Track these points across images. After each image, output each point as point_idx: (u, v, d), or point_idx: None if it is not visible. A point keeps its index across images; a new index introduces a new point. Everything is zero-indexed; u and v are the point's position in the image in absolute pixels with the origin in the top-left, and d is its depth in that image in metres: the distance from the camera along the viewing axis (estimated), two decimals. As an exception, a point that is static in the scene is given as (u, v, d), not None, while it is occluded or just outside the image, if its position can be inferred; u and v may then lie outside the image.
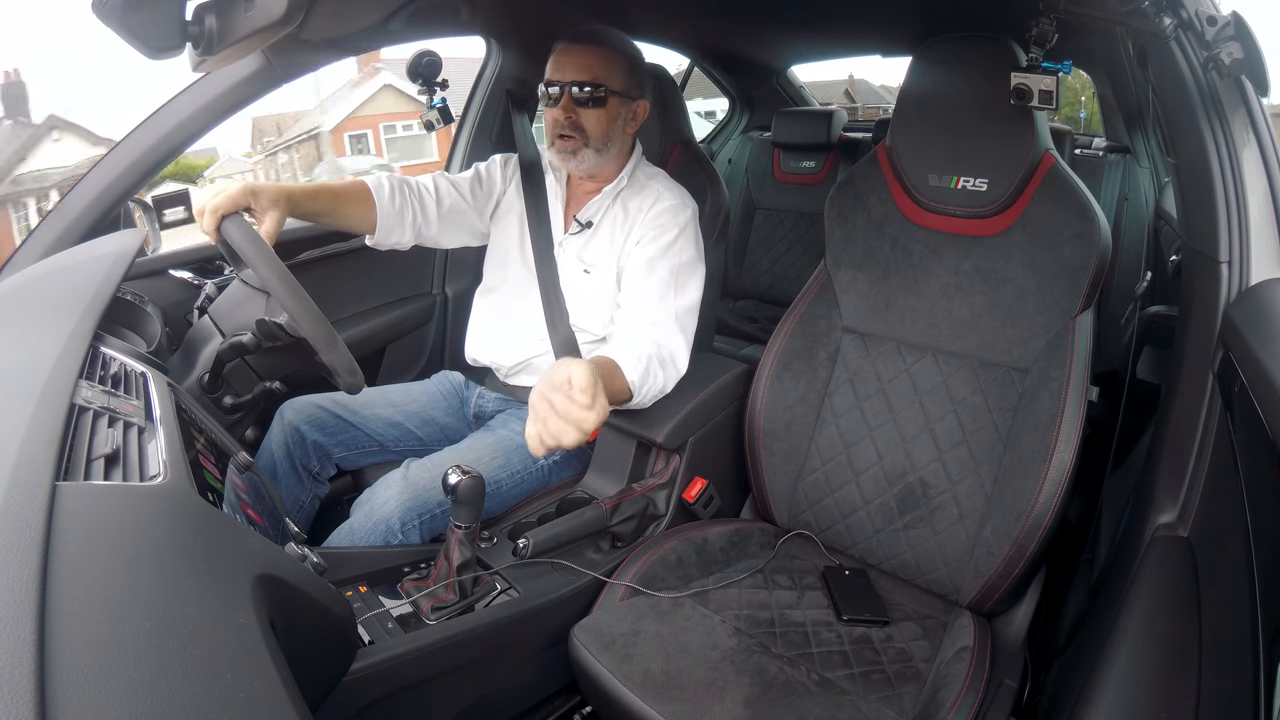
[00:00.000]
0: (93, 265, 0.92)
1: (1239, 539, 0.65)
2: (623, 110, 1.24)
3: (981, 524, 1.07)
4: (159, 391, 0.76)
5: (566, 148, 1.22)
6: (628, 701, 0.88)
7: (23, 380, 0.61)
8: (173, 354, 1.24)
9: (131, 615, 0.41)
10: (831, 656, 0.98)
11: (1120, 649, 0.73)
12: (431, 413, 1.38)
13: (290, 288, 0.96)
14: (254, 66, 1.18)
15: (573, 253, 1.30)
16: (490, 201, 1.39)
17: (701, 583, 1.10)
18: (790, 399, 1.24)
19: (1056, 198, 1.08)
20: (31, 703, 0.32)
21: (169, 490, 0.57)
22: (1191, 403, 0.87)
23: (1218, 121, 0.83)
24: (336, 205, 1.18)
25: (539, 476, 1.26)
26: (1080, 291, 1.05)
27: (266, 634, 0.48)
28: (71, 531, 0.44)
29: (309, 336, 0.97)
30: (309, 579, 0.67)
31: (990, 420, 1.10)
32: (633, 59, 1.25)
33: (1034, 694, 1.03)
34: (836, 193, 1.29)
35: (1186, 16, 0.76)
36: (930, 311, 1.18)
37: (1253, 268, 0.83)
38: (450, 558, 0.95)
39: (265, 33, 0.86)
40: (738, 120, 2.95)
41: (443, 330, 1.74)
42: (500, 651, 0.99)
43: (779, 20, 1.93)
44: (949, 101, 1.15)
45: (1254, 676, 0.56)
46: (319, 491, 1.30)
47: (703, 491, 1.23)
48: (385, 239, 1.26)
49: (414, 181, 1.30)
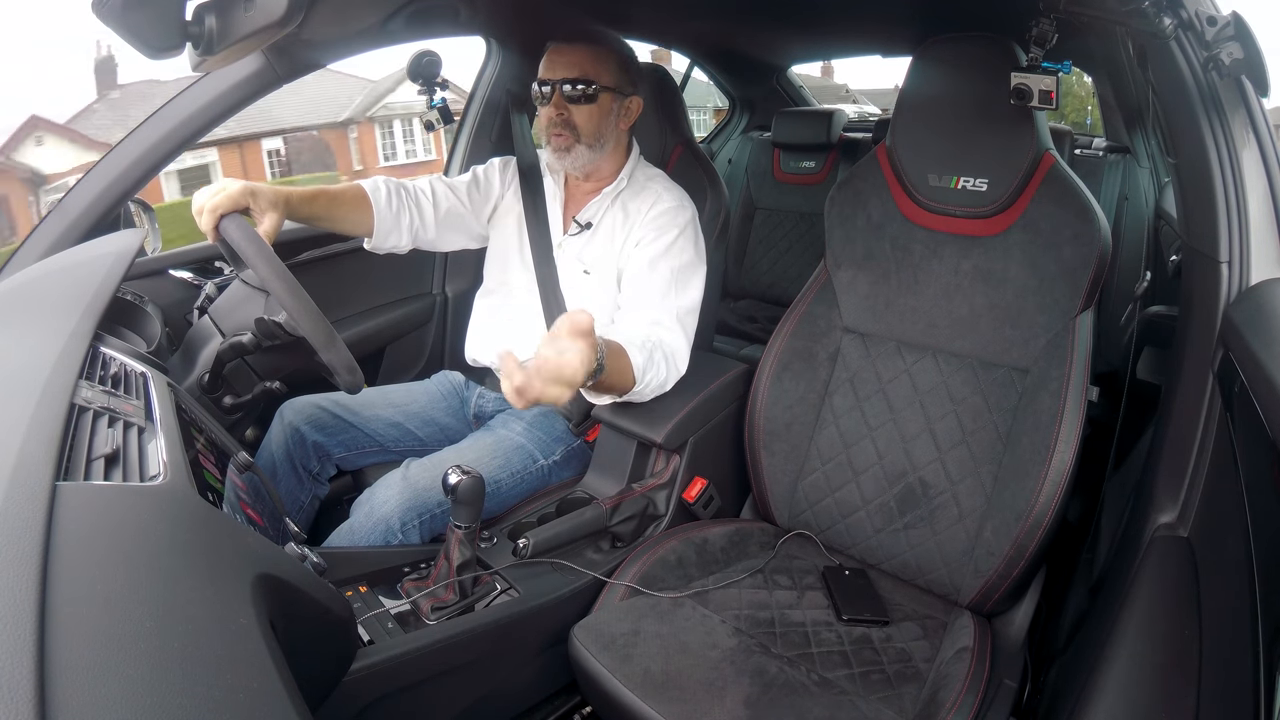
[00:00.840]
0: (93, 265, 0.92)
1: (1239, 539, 0.65)
2: (615, 106, 1.24)
3: (981, 524, 1.07)
4: (159, 391, 0.76)
5: (560, 145, 1.23)
6: (628, 701, 0.88)
7: (23, 380, 0.61)
8: (173, 354, 1.24)
9: (131, 615, 0.41)
10: (831, 656, 0.98)
11: (1120, 649, 0.73)
12: (431, 413, 1.38)
13: (289, 287, 0.96)
14: (254, 66, 1.18)
15: (572, 254, 1.30)
16: (488, 205, 1.39)
17: (701, 583, 1.10)
18: (790, 399, 1.24)
19: (1056, 198, 1.08)
20: (31, 703, 0.32)
21: (169, 490, 0.57)
22: (1191, 403, 0.87)
23: (1218, 121, 0.83)
24: (334, 209, 1.19)
25: (539, 476, 1.26)
26: (1080, 291, 1.05)
27: (266, 634, 0.48)
28: (71, 531, 0.44)
29: (308, 335, 0.97)
30: (309, 579, 0.67)
31: (990, 420, 1.10)
32: (624, 56, 1.26)
33: (1034, 694, 1.03)
34: (836, 193, 1.29)
35: (1186, 16, 0.76)
36: (930, 311, 1.18)
37: (1253, 268, 0.83)
38: (450, 558, 0.95)
39: (265, 33, 0.86)
40: (738, 120, 2.95)
41: (443, 330, 1.74)
42: (500, 651, 0.99)
43: (779, 20, 1.93)
44: (949, 101, 1.15)
45: (1254, 676, 0.56)
46: (319, 491, 1.30)
47: (703, 491, 1.23)
48: (383, 243, 1.27)
49: (411, 185, 1.31)
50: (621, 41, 1.28)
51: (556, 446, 1.29)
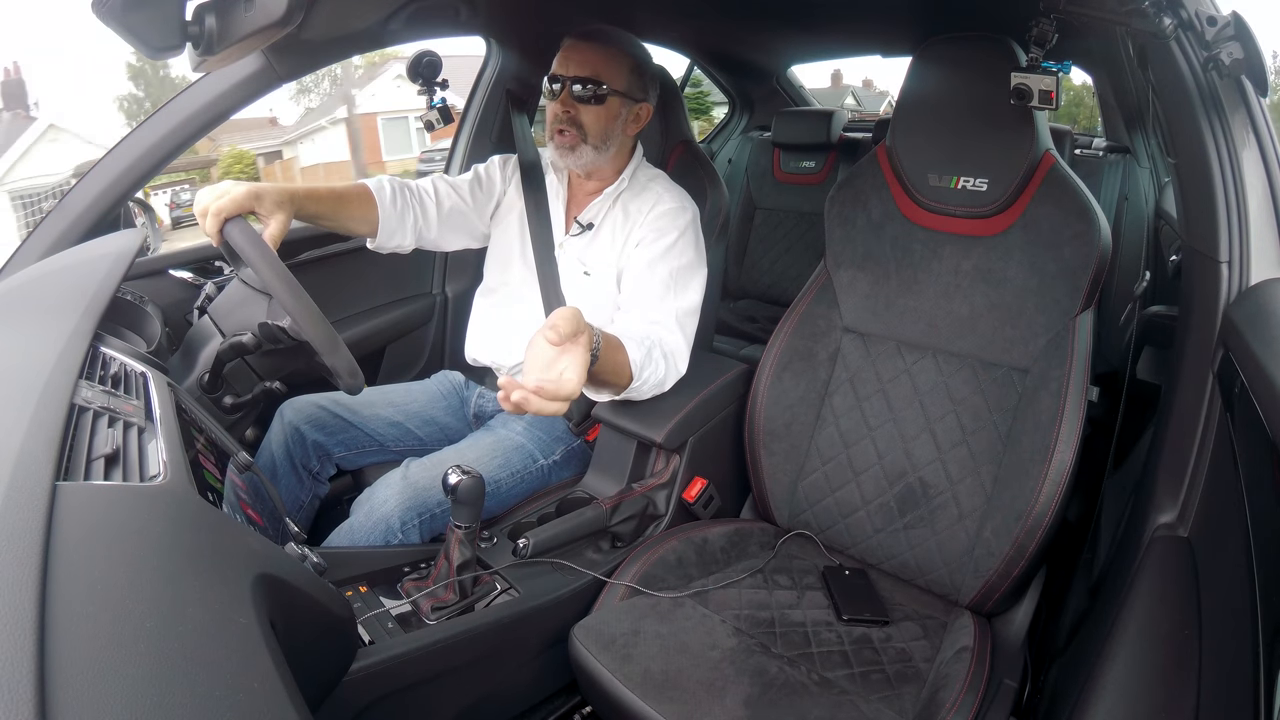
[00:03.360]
0: (93, 265, 0.92)
1: (1239, 539, 0.65)
2: (623, 111, 1.24)
3: (981, 524, 1.07)
4: (159, 391, 0.76)
5: (564, 143, 1.22)
6: (628, 701, 0.88)
7: (23, 380, 0.61)
8: (173, 354, 1.24)
9: (132, 615, 0.41)
10: (831, 656, 0.98)
11: (1120, 649, 0.73)
12: (431, 412, 1.38)
13: (294, 292, 0.96)
14: (254, 66, 1.18)
15: (574, 254, 1.30)
16: (490, 203, 1.38)
17: (701, 583, 1.10)
18: (790, 399, 1.24)
19: (1056, 198, 1.08)
20: (31, 703, 0.32)
21: (169, 490, 0.57)
22: (1191, 403, 0.87)
23: (1218, 121, 0.83)
24: (339, 208, 1.18)
25: (539, 476, 1.26)
26: (1080, 291, 1.05)
27: (266, 634, 0.48)
28: (71, 531, 0.44)
29: (312, 340, 0.97)
30: (309, 579, 0.67)
31: (990, 420, 1.10)
32: (638, 61, 1.25)
33: (1034, 694, 1.03)
34: (836, 193, 1.29)
35: (1186, 16, 0.76)
36: (930, 311, 1.18)
37: (1253, 268, 0.83)
38: (450, 558, 0.95)
39: (265, 33, 0.86)
40: (738, 120, 2.95)
41: (443, 330, 1.74)
42: (500, 651, 0.99)
43: (779, 20, 1.93)
44: (949, 101, 1.15)
45: (1254, 676, 0.56)
46: (319, 491, 1.30)
47: (703, 491, 1.23)
48: (387, 242, 1.26)
49: (414, 184, 1.30)
50: (637, 45, 1.27)
51: (556, 446, 1.29)
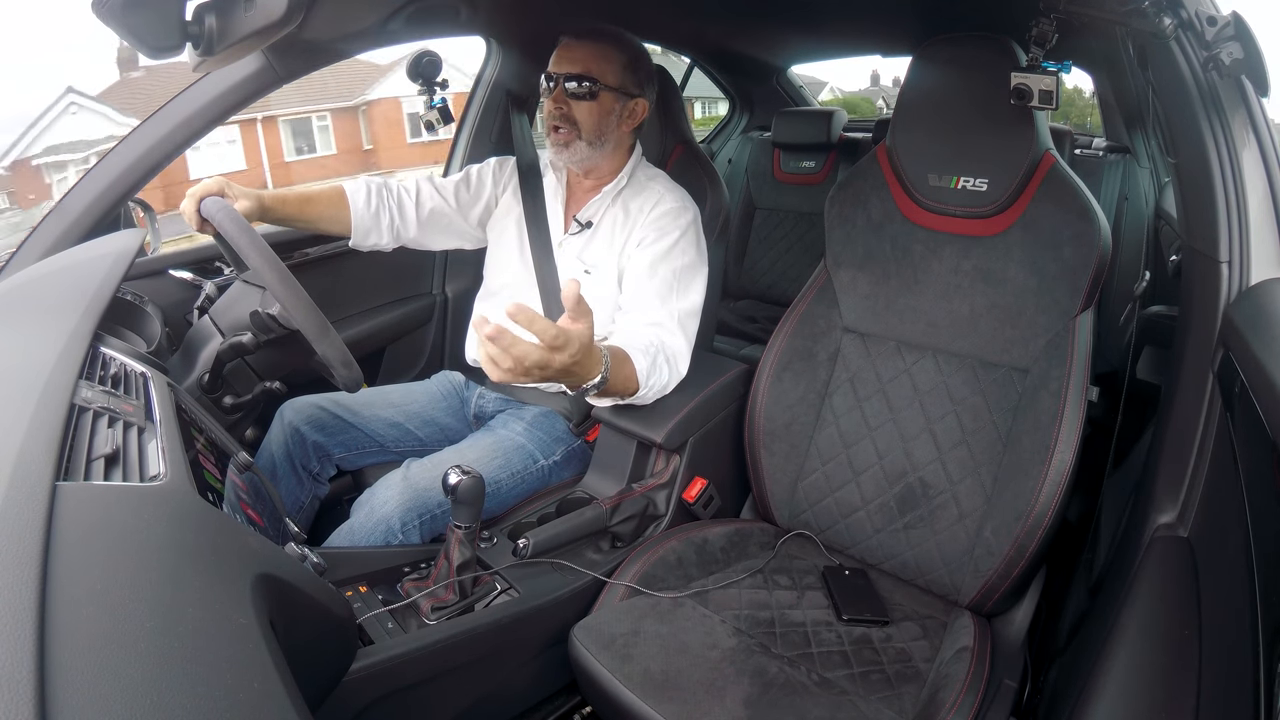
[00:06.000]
0: (93, 265, 0.92)
1: (1239, 539, 0.65)
2: (616, 106, 1.24)
3: (981, 524, 1.07)
4: (159, 391, 0.76)
5: (559, 139, 1.24)
6: (628, 701, 0.88)
7: (23, 380, 0.61)
8: (173, 354, 1.24)
9: (132, 615, 0.41)
10: (831, 656, 0.98)
11: (1120, 649, 0.73)
12: (431, 413, 1.38)
13: (270, 263, 1.00)
14: (254, 66, 1.18)
15: (573, 253, 1.30)
16: (477, 205, 1.40)
17: (701, 583, 1.10)
18: (790, 399, 1.24)
19: (1056, 198, 1.08)
20: (31, 703, 0.32)
21: (169, 490, 0.57)
22: (1191, 403, 0.87)
23: (1218, 121, 0.83)
24: (306, 208, 1.24)
25: (539, 476, 1.26)
26: (1080, 291, 1.05)
27: (266, 634, 0.48)
28: (71, 531, 0.44)
29: (288, 308, 1.00)
30: (309, 579, 0.67)
31: (990, 420, 1.10)
32: (631, 57, 1.26)
33: (1034, 694, 1.03)
34: (836, 193, 1.29)
35: (1186, 16, 0.76)
36: (930, 311, 1.18)
37: (1253, 268, 0.83)
38: (450, 558, 0.95)
39: (265, 33, 0.86)
40: (738, 120, 2.95)
41: (443, 330, 1.74)
42: (500, 651, 0.99)
43: (779, 20, 1.93)
44: (949, 101, 1.15)
45: (1254, 676, 0.56)
46: (319, 491, 1.30)
47: (703, 491, 1.23)
48: (363, 241, 1.33)
49: (395, 184, 1.35)
50: (633, 42, 1.28)
51: (556, 446, 1.29)
